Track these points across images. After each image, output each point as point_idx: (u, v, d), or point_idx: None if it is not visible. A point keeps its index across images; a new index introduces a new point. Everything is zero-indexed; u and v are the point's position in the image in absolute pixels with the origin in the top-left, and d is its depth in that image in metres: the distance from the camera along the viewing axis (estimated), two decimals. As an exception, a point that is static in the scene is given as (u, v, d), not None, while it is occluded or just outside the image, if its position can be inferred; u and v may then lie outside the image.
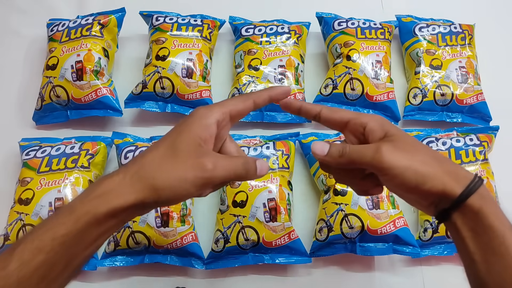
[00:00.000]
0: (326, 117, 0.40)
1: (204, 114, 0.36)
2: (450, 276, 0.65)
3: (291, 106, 0.42)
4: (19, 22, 0.85)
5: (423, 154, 0.36)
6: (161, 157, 0.34)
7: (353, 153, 0.37)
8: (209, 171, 0.34)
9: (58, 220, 0.32)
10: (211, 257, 0.63)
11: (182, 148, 0.34)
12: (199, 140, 0.35)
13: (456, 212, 0.35)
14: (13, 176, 0.68)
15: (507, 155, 0.73)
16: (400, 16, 0.82)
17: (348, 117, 0.39)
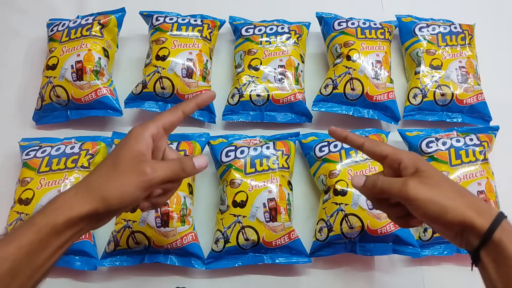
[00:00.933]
0: (368, 150, 0.46)
1: (139, 131, 0.41)
2: (450, 276, 0.65)
3: (338, 135, 0.48)
4: (19, 22, 0.85)
5: (446, 189, 0.41)
6: (106, 172, 0.39)
7: (384, 184, 0.43)
8: (149, 174, 0.39)
9: (21, 232, 0.35)
10: (211, 257, 0.63)
11: (122, 161, 0.39)
12: (137, 153, 0.40)
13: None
14: (13, 176, 0.68)
15: (507, 155, 0.73)
16: (400, 16, 0.82)
17: (387, 152, 0.45)
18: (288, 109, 0.73)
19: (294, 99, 0.72)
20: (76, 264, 0.61)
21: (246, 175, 0.64)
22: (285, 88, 0.72)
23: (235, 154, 0.66)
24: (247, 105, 0.73)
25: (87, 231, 0.40)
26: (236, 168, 0.65)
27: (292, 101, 0.72)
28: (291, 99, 0.72)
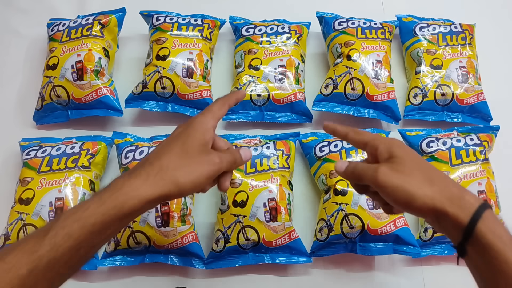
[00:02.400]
0: (352, 139, 0.47)
1: (203, 121, 0.44)
2: (450, 276, 0.65)
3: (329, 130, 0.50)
4: (20, 22, 0.85)
5: (416, 176, 0.40)
6: (177, 158, 0.41)
7: (360, 170, 0.44)
8: (218, 164, 0.43)
9: (87, 211, 0.37)
10: (212, 257, 0.63)
11: (192, 150, 0.42)
12: (203, 142, 0.43)
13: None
14: (13, 176, 0.68)
15: (508, 155, 0.73)
16: (401, 16, 0.81)
17: (367, 139, 0.45)
18: (288, 109, 0.73)
19: (295, 99, 0.72)
20: (76, 264, 0.61)
21: (247, 175, 0.64)
22: (286, 88, 0.72)
23: (235, 154, 0.66)
24: (248, 105, 0.73)
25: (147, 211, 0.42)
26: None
27: (292, 101, 0.72)
28: (292, 99, 0.72)
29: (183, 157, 0.41)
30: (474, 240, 0.37)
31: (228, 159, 0.44)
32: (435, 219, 0.40)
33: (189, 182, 0.40)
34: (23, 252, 0.34)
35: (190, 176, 0.41)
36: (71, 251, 0.35)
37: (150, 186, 0.39)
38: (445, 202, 0.38)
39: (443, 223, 0.40)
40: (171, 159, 0.41)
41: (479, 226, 0.37)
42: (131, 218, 0.39)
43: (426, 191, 0.39)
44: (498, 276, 0.36)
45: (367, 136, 0.46)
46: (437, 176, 0.41)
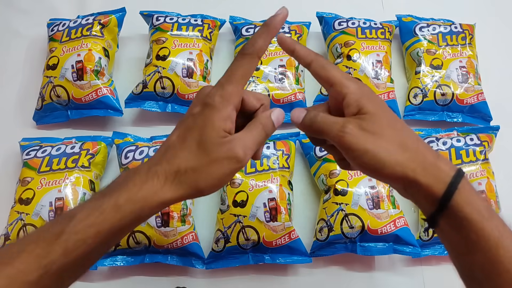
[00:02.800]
0: (315, 71, 0.39)
1: (221, 104, 0.36)
2: (450, 276, 0.64)
3: (287, 45, 0.40)
4: (20, 22, 0.85)
5: (388, 139, 0.36)
6: (194, 157, 0.35)
7: (321, 124, 0.38)
8: (241, 160, 0.36)
9: (102, 215, 0.33)
10: (212, 257, 0.63)
11: (211, 145, 0.35)
12: (223, 133, 0.36)
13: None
14: (13, 176, 0.68)
15: (508, 155, 0.73)
16: (401, 16, 0.81)
17: (334, 80, 0.38)
18: (288, 109, 0.73)
19: (295, 99, 0.72)
20: (76, 264, 0.61)
21: (247, 175, 0.64)
22: (286, 88, 0.72)
23: (235, 154, 0.66)
24: (248, 105, 0.73)
25: None
26: (236, 168, 0.65)
27: (292, 101, 0.72)
28: (292, 99, 0.72)
29: (200, 153, 0.36)
30: (449, 212, 0.34)
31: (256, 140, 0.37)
32: (403, 187, 0.36)
33: (210, 186, 0.36)
34: (33, 257, 0.32)
35: (210, 179, 0.36)
36: (83, 256, 0.33)
37: (169, 191, 0.35)
38: (418, 171, 0.34)
39: (412, 192, 0.36)
40: (188, 158, 0.36)
41: (455, 198, 0.34)
42: (147, 219, 0.36)
43: (398, 157, 0.35)
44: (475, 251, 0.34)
45: (333, 75, 0.38)
46: (410, 139, 0.36)
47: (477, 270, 0.35)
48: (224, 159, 0.35)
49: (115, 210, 0.34)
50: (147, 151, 0.65)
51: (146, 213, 0.35)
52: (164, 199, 0.35)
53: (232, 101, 0.37)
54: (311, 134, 0.40)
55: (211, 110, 0.36)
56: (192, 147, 0.36)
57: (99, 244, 0.34)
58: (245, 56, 0.38)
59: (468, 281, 0.37)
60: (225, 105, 0.36)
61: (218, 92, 0.37)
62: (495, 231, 0.33)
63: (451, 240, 0.36)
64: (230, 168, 0.36)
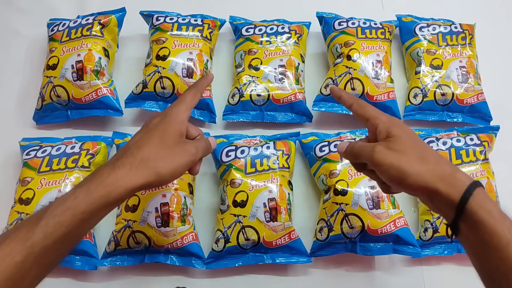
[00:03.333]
0: (355, 111, 0.49)
1: (177, 113, 0.47)
2: (450, 276, 0.65)
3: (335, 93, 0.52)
4: (20, 22, 0.85)
5: (409, 154, 0.42)
6: (157, 148, 0.44)
7: (357, 149, 0.46)
8: (194, 154, 0.46)
9: (76, 200, 0.39)
10: (212, 257, 0.63)
11: (170, 141, 0.45)
12: (180, 134, 0.47)
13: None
14: (13, 176, 0.68)
15: (508, 155, 0.73)
16: (401, 16, 0.81)
17: (369, 115, 0.47)
18: (288, 109, 0.73)
19: (295, 99, 0.72)
20: (76, 264, 0.61)
21: (247, 175, 0.64)
22: (286, 88, 0.72)
23: (235, 154, 0.66)
24: (248, 105, 0.73)
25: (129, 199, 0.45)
26: (236, 168, 0.65)
27: (292, 101, 0.72)
28: (292, 99, 0.72)
29: (162, 147, 0.44)
30: (466, 217, 0.38)
31: (203, 147, 0.48)
32: (428, 197, 0.41)
33: (169, 172, 0.44)
34: (17, 240, 0.36)
35: (170, 166, 0.44)
36: (62, 239, 0.37)
37: (134, 176, 0.41)
38: (437, 180, 0.39)
39: (436, 201, 0.41)
40: (151, 150, 0.44)
41: (470, 203, 0.38)
42: (116, 205, 0.41)
43: (419, 169, 0.40)
44: (489, 251, 0.37)
45: (369, 112, 0.47)
46: (431, 154, 0.42)
47: (493, 271, 0.38)
48: (181, 152, 0.45)
49: (86, 195, 0.39)
50: (147, 151, 0.65)
51: (114, 196, 0.40)
52: (129, 184, 0.41)
53: (185, 114, 0.48)
54: (351, 159, 0.48)
55: (170, 117, 0.47)
56: (155, 142, 0.44)
57: (75, 227, 0.38)
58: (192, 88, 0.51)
59: (488, 284, 0.39)
60: (181, 114, 0.47)
61: (173, 108, 0.48)
62: (506, 232, 0.36)
63: (470, 243, 0.40)
64: (186, 159, 0.45)
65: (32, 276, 0.37)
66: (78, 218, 0.38)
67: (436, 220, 0.63)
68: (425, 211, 0.65)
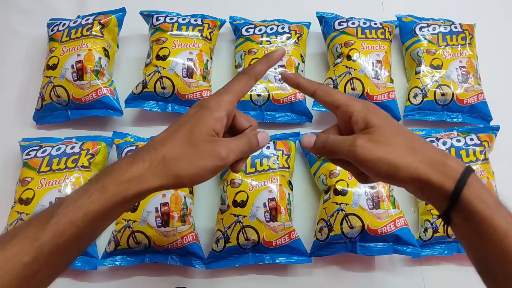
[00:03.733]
0: (320, 98, 0.43)
1: (215, 107, 0.40)
2: (450, 276, 0.65)
3: (291, 80, 0.45)
4: (20, 22, 0.85)
5: (397, 145, 0.38)
6: (181, 147, 0.39)
7: (333, 145, 0.41)
8: (224, 159, 0.39)
9: (89, 198, 0.35)
10: (212, 257, 0.63)
11: (198, 140, 0.39)
12: (212, 132, 0.39)
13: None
14: (13, 176, 0.68)
15: (508, 155, 0.73)
16: (401, 16, 0.81)
17: (339, 103, 0.42)
18: (288, 109, 0.73)
19: (295, 98, 0.72)
20: (76, 264, 0.61)
21: (247, 175, 0.64)
22: (286, 88, 0.72)
23: (235, 154, 0.66)
24: (247, 105, 0.73)
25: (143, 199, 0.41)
26: (236, 168, 0.65)
27: (292, 100, 0.72)
28: (292, 98, 0.72)
29: (187, 147, 0.39)
30: (460, 207, 0.36)
31: (239, 148, 0.41)
32: (419, 188, 0.39)
33: (190, 176, 0.38)
34: (25, 239, 0.34)
35: (192, 169, 0.38)
36: (73, 238, 0.35)
37: (151, 176, 0.37)
38: (429, 171, 0.37)
39: (427, 192, 0.38)
40: (175, 147, 0.39)
41: (465, 192, 0.36)
42: (132, 204, 0.38)
43: (409, 161, 0.37)
44: (485, 242, 0.36)
45: (338, 98, 0.42)
46: (417, 142, 0.39)
47: (490, 261, 0.36)
48: (208, 154, 0.39)
49: (101, 192, 0.36)
50: (147, 151, 0.65)
51: (131, 194, 0.36)
52: (146, 184, 0.37)
53: (226, 108, 0.40)
54: (324, 155, 0.44)
55: (205, 111, 0.40)
56: (181, 139, 0.39)
57: (88, 226, 0.35)
58: (245, 75, 0.43)
59: (484, 275, 0.38)
60: (219, 109, 0.40)
61: (214, 98, 0.41)
62: (503, 222, 0.35)
63: (465, 234, 0.38)
64: (211, 164, 0.39)
65: (42, 277, 0.35)
66: (91, 216, 0.35)
67: (436, 220, 0.63)
68: (425, 211, 0.65)
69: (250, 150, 0.42)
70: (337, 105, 0.42)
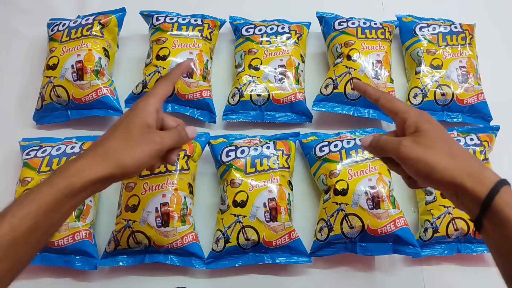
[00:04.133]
0: (382, 105, 0.48)
1: (145, 105, 0.46)
2: (450, 276, 0.65)
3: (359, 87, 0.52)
4: (20, 22, 0.85)
5: (439, 149, 0.41)
6: (120, 139, 0.44)
7: (384, 143, 0.45)
8: (159, 143, 0.45)
9: (41, 193, 0.39)
10: (212, 257, 0.63)
11: (134, 131, 0.44)
12: (145, 125, 0.45)
13: None
14: (13, 176, 0.68)
15: (508, 155, 0.73)
16: (401, 16, 0.81)
17: (398, 110, 0.46)
18: (288, 109, 0.73)
19: (295, 99, 0.72)
20: (76, 264, 0.61)
21: (247, 175, 0.64)
22: (286, 88, 0.72)
23: (235, 154, 0.66)
24: (248, 105, 0.73)
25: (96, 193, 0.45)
26: (236, 168, 0.65)
27: (292, 101, 0.72)
28: (292, 99, 0.72)
29: (125, 139, 0.44)
30: (491, 214, 0.38)
31: (172, 137, 0.47)
32: (453, 192, 0.41)
33: (132, 162, 0.43)
34: None
35: (133, 156, 0.43)
36: (29, 230, 0.37)
37: (95, 166, 0.41)
38: (465, 176, 0.39)
39: (461, 197, 0.40)
40: (114, 141, 0.44)
41: (496, 200, 0.37)
42: (81, 196, 0.41)
43: (447, 164, 0.40)
44: None
45: (398, 106, 0.46)
46: (459, 151, 0.42)
47: None
48: (144, 141, 0.44)
49: (50, 187, 0.39)
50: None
51: (78, 187, 0.40)
52: (91, 174, 0.41)
53: (153, 105, 0.46)
54: (376, 153, 0.48)
55: (136, 109, 0.46)
56: (119, 135, 0.44)
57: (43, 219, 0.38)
58: (165, 80, 0.50)
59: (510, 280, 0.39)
60: (148, 106, 0.46)
61: (142, 100, 0.47)
62: None
63: (494, 240, 0.39)
64: (149, 148, 0.44)
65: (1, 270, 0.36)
66: (44, 208, 0.38)
67: (436, 220, 0.63)
68: (425, 211, 0.65)
69: (181, 140, 0.48)
70: (396, 111, 0.46)
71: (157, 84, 0.49)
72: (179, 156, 0.65)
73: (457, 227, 0.62)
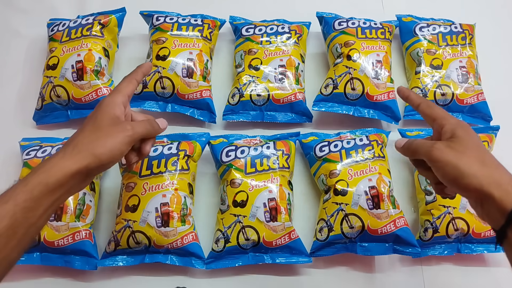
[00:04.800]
0: (422, 111, 0.49)
1: (111, 99, 0.47)
2: (450, 276, 0.65)
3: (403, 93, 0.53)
4: (20, 22, 0.85)
5: (470, 155, 0.42)
6: (90, 133, 0.45)
7: (417, 144, 0.46)
8: (130, 130, 0.46)
9: (16, 191, 0.39)
10: (212, 257, 0.63)
11: (104, 123, 0.45)
12: (114, 116, 0.46)
13: None
14: (13, 176, 0.68)
15: (508, 155, 0.73)
16: (401, 16, 0.81)
17: (437, 116, 0.47)
18: (288, 109, 0.73)
19: (295, 99, 0.72)
20: (76, 264, 0.61)
21: (247, 175, 0.64)
22: (286, 88, 0.72)
23: (235, 154, 0.66)
24: (248, 105, 0.73)
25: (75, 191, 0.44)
26: (236, 168, 0.65)
27: (292, 101, 0.72)
28: (292, 99, 0.72)
29: (95, 131, 0.44)
30: None
31: (143, 126, 0.48)
32: (480, 201, 0.41)
33: (105, 151, 0.43)
34: None
35: (106, 145, 0.44)
36: (8, 231, 0.37)
37: (69, 160, 0.41)
38: (493, 185, 0.39)
39: (486, 206, 0.40)
40: (85, 135, 0.44)
41: None
42: (59, 193, 0.41)
43: (476, 171, 0.40)
44: None
45: (437, 112, 0.47)
46: (491, 160, 0.43)
47: None
48: (116, 131, 0.45)
49: (24, 184, 0.39)
50: (147, 151, 0.65)
51: (53, 181, 0.40)
52: (65, 167, 0.41)
53: (120, 99, 0.47)
54: (409, 155, 0.49)
55: (102, 104, 0.47)
56: (89, 129, 0.45)
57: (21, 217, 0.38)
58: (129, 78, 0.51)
59: None
60: (114, 99, 0.47)
61: (108, 97, 0.48)
62: None
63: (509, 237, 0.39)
64: (121, 136, 0.45)
65: None
66: (21, 206, 0.38)
67: (436, 220, 0.63)
68: (425, 211, 0.65)
69: (153, 130, 0.50)
70: (434, 117, 0.47)
71: (120, 82, 0.50)
72: (179, 156, 0.65)
73: (457, 227, 0.62)
